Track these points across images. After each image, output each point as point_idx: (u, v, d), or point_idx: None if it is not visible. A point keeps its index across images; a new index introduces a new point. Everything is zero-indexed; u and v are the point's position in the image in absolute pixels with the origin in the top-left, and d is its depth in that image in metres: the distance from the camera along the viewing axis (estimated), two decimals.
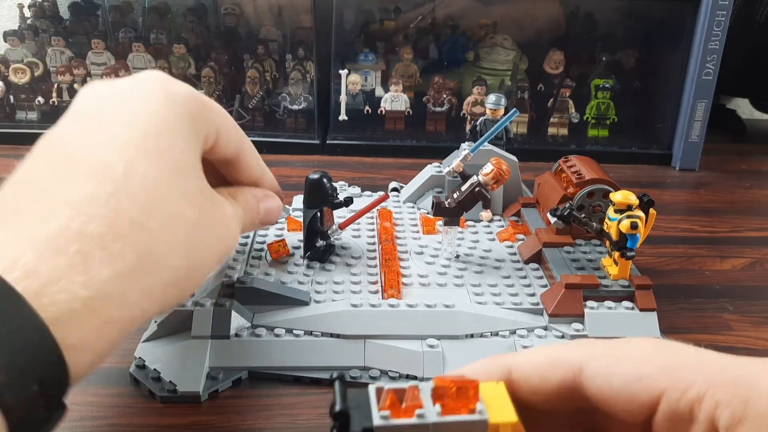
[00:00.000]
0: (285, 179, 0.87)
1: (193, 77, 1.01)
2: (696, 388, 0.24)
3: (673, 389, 0.24)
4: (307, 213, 0.58)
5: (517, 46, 1.04)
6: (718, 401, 0.23)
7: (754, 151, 1.07)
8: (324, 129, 1.00)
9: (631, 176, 0.93)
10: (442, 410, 0.24)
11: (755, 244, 0.74)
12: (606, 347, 0.27)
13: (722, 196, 0.89)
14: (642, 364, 0.25)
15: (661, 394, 0.24)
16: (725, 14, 0.90)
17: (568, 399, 0.27)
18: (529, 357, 0.28)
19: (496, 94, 0.72)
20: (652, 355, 0.26)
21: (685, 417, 0.24)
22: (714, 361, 0.25)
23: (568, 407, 0.27)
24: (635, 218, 0.52)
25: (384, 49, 1.04)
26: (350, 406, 0.24)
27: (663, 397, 0.24)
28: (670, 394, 0.24)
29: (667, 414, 0.24)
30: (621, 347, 0.26)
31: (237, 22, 1.04)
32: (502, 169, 0.57)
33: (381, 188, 0.76)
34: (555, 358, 0.27)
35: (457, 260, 0.61)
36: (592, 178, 0.62)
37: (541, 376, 0.27)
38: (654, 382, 0.25)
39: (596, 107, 1.01)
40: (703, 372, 0.24)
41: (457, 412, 0.25)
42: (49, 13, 1.05)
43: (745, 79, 1.11)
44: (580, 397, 0.27)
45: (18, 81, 0.98)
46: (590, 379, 0.26)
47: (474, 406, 0.25)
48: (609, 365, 0.26)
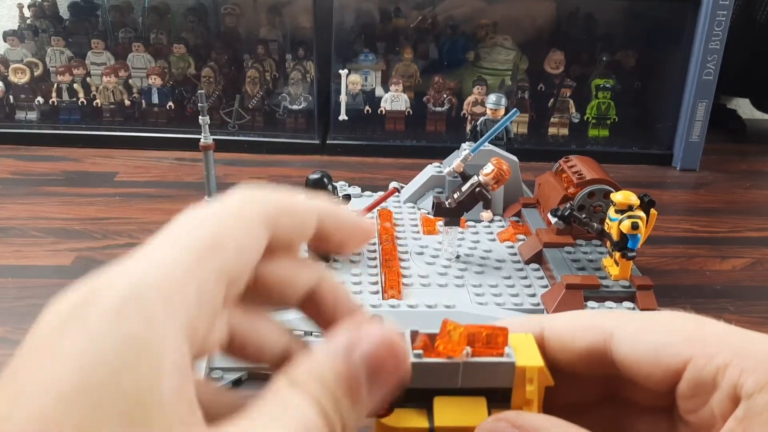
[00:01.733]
0: (285, 179, 0.87)
1: (193, 77, 1.01)
2: (722, 357, 0.24)
3: (700, 357, 0.25)
4: None
5: (518, 46, 1.04)
6: (743, 369, 0.24)
7: (754, 151, 1.07)
8: (324, 129, 0.99)
9: (632, 176, 0.93)
10: (472, 352, 0.26)
11: (756, 244, 0.74)
12: (638, 317, 0.28)
13: (723, 196, 0.88)
14: (671, 333, 0.26)
15: (686, 362, 0.25)
16: (726, 14, 0.90)
17: (596, 363, 0.27)
18: (564, 318, 0.28)
19: (497, 94, 0.72)
20: (681, 326, 0.26)
21: (708, 384, 0.24)
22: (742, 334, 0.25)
23: (594, 371, 0.28)
24: (636, 218, 0.52)
25: (384, 49, 1.04)
26: None
27: (689, 365, 0.25)
28: (696, 362, 0.25)
29: (690, 381, 0.25)
30: (652, 318, 0.27)
31: (237, 22, 1.04)
32: (503, 169, 0.57)
33: (381, 188, 0.76)
34: (589, 323, 0.28)
35: (458, 260, 0.60)
36: (592, 178, 0.62)
37: (572, 337, 0.27)
38: (681, 350, 0.25)
39: (597, 107, 1.01)
40: (730, 343, 0.25)
41: (487, 355, 0.26)
42: (48, 13, 1.05)
43: (746, 79, 1.11)
44: (608, 363, 0.27)
45: (18, 81, 0.98)
46: (620, 345, 0.26)
47: (503, 350, 0.26)
48: (639, 332, 0.26)
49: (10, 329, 0.54)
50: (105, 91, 0.98)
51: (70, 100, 0.98)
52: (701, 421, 0.25)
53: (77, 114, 0.99)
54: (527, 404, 0.26)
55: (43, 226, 0.71)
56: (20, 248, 0.67)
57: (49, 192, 0.80)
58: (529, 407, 0.26)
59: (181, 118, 1.00)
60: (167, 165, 0.91)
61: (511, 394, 0.26)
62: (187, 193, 0.81)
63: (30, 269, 0.63)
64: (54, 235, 0.69)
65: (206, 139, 0.62)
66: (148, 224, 0.72)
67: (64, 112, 0.99)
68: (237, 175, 0.88)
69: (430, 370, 0.26)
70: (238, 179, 0.87)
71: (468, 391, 0.26)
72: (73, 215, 0.74)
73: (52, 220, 0.73)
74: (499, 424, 0.25)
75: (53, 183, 0.83)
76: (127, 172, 0.87)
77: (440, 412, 0.26)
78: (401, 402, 0.26)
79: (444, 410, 0.26)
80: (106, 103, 0.99)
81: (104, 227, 0.71)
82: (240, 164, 0.91)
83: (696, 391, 0.25)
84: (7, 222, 0.72)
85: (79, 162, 0.90)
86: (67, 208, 0.76)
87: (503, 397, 0.26)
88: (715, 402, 0.24)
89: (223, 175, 0.86)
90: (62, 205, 0.77)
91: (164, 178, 0.86)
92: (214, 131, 0.70)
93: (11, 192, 0.80)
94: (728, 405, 0.24)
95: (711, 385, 0.24)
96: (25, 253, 0.66)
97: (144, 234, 0.70)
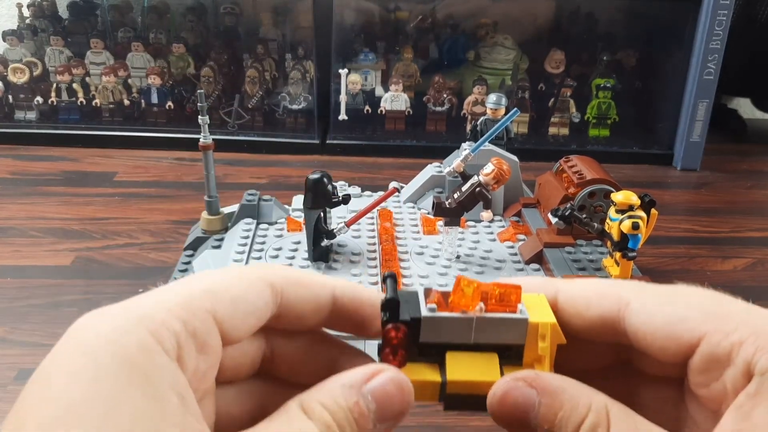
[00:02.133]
0: (285, 179, 0.87)
1: (192, 77, 1.01)
2: (738, 333, 0.24)
3: (716, 332, 0.24)
4: (311, 214, 0.57)
5: (518, 45, 1.04)
6: (759, 347, 0.24)
7: (755, 151, 1.07)
8: (324, 129, 0.99)
9: (632, 176, 0.93)
10: (486, 309, 0.26)
11: (757, 245, 0.74)
12: (655, 289, 0.27)
13: (723, 196, 0.88)
14: (688, 307, 0.26)
15: (702, 337, 0.25)
16: (726, 14, 0.89)
17: (608, 331, 0.27)
18: (580, 284, 0.28)
19: (497, 94, 0.71)
20: (698, 301, 0.26)
21: (722, 360, 0.24)
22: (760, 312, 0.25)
23: (605, 339, 0.27)
24: (636, 218, 0.52)
25: (384, 48, 1.04)
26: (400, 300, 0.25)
27: (704, 340, 0.25)
28: (711, 337, 0.24)
29: (704, 356, 0.25)
30: (669, 291, 0.27)
31: (236, 21, 1.04)
32: (503, 169, 0.57)
33: (381, 188, 0.76)
34: (605, 290, 0.27)
35: (458, 261, 0.60)
36: (593, 178, 0.62)
37: (587, 304, 0.27)
38: (698, 325, 0.25)
39: (597, 107, 1.01)
40: (747, 320, 0.25)
41: (500, 311, 0.26)
42: (48, 13, 1.05)
43: (747, 79, 1.11)
44: (620, 332, 0.27)
45: (17, 81, 0.97)
46: (635, 315, 0.26)
47: (516, 308, 0.26)
48: (656, 304, 0.26)
49: (9, 329, 0.54)
50: (104, 90, 0.98)
51: (69, 100, 0.98)
52: (712, 395, 0.25)
53: (76, 114, 0.99)
54: (539, 361, 0.26)
55: (42, 226, 0.71)
56: (19, 248, 0.66)
57: (48, 192, 0.80)
58: (540, 364, 0.26)
59: (180, 118, 1.00)
60: (166, 165, 0.90)
61: (523, 352, 0.26)
62: (187, 193, 0.81)
63: (29, 269, 0.63)
64: (53, 235, 0.69)
65: (206, 138, 0.61)
66: (147, 224, 0.72)
67: (63, 112, 0.99)
68: (237, 175, 0.88)
69: (443, 325, 0.26)
70: (238, 179, 0.86)
71: (480, 347, 0.26)
72: (72, 215, 0.74)
73: (51, 220, 0.72)
74: (516, 383, 0.25)
75: (52, 183, 0.83)
76: (127, 172, 0.87)
77: (452, 366, 0.26)
78: (414, 357, 0.26)
79: (456, 364, 0.26)
80: (105, 102, 0.98)
81: (103, 227, 0.71)
82: (239, 164, 0.91)
83: (709, 365, 0.25)
84: (6, 222, 0.71)
85: (79, 162, 0.90)
86: (66, 208, 0.76)
87: (516, 354, 0.26)
88: (728, 377, 0.24)
89: (223, 175, 0.86)
90: (61, 205, 0.76)
91: (163, 178, 0.86)
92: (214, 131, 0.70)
93: (10, 192, 0.80)
94: (741, 381, 0.24)
95: (725, 360, 0.24)
96: (24, 253, 0.66)
97: (143, 234, 0.70)
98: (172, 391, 0.21)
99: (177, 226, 0.72)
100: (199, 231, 0.65)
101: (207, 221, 0.64)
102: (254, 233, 0.63)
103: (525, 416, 0.25)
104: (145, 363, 0.20)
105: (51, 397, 0.20)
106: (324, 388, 0.24)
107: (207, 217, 0.64)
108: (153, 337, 0.21)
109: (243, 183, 0.85)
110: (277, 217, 0.66)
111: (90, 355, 0.20)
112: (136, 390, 0.20)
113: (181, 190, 0.82)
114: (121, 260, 0.65)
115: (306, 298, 0.26)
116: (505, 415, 0.25)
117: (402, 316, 0.25)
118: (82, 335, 0.21)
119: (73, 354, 0.20)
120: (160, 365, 0.21)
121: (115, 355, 0.20)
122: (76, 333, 0.21)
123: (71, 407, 0.19)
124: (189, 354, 0.22)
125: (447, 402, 0.26)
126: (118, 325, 0.21)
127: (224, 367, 0.25)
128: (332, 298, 0.27)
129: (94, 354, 0.20)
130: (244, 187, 0.74)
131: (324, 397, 0.23)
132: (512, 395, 0.25)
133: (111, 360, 0.20)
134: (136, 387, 0.20)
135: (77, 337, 0.21)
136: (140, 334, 0.21)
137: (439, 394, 0.26)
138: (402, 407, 0.24)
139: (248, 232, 0.63)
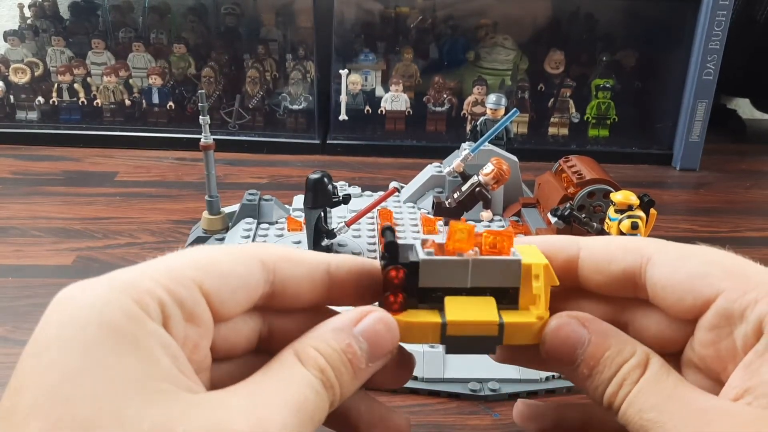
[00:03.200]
0: (285, 179, 0.87)
1: (193, 77, 1.01)
2: (756, 292, 0.25)
3: (734, 289, 0.25)
4: (311, 214, 0.57)
5: (518, 46, 1.04)
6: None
7: (754, 151, 1.07)
8: (324, 129, 1.00)
9: (632, 176, 0.93)
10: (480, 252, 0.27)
11: (756, 245, 0.74)
12: (677, 246, 0.28)
13: (723, 196, 0.88)
14: (709, 264, 0.26)
15: (720, 293, 0.25)
16: (726, 14, 0.90)
17: (629, 285, 0.28)
18: (603, 240, 0.29)
19: (497, 94, 0.72)
20: (720, 260, 0.27)
21: (735, 317, 0.25)
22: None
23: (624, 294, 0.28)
24: (636, 218, 0.52)
25: (384, 48, 1.04)
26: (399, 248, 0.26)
27: (721, 295, 0.25)
28: (728, 294, 0.25)
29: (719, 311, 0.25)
30: (692, 249, 0.27)
31: (237, 21, 1.04)
32: (503, 169, 0.57)
33: (381, 188, 0.76)
34: (628, 245, 0.28)
35: None
36: (592, 178, 0.62)
37: (609, 259, 0.28)
38: (716, 281, 0.26)
39: (596, 107, 1.01)
40: (764, 283, 0.25)
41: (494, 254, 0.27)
42: (49, 13, 1.05)
43: (746, 79, 1.11)
44: (640, 286, 0.27)
45: (18, 81, 0.98)
46: (658, 269, 0.27)
47: (509, 252, 0.27)
48: (678, 259, 0.27)
49: (10, 328, 0.54)
50: (105, 90, 0.98)
51: (70, 100, 0.98)
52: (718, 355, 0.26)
53: (77, 114, 0.99)
54: (534, 303, 0.27)
55: (43, 225, 0.71)
56: (20, 248, 0.67)
57: (49, 192, 0.80)
58: (535, 305, 0.27)
59: (181, 118, 1.00)
60: (167, 165, 0.91)
61: (518, 294, 0.27)
62: (188, 193, 0.81)
63: (30, 269, 0.63)
64: (54, 234, 0.70)
65: (206, 138, 0.62)
66: (148, 224, 0.72)
67: (64, 112, 0.99)
68: (237, 175, 0.88)
69: (441, 268, 0.27)
70: (239, 179, 0.87)
71: (477, 291, 0.27)
72: (73, 215, 0.74)
73: (53, 219, 0.73)
74: (570, 320, 0.26)
75: (53, 183, 0.83)
76: (128, 172, 0.87)
77: (451, 309, 0.27)
78: (414, 305, 0.27)
79: (455, 307, 0.27)
80: (106, 102, 0.99)
81: (104, 227, 0.72)
82: (240, 164, 0.91)
83: (722, 322, 0.25)
84: (7, 222, 0.72)
85: (80, 162, 0.90)
86: (68, 207, 0.76)
87: (512, 298, 0.27)
88: (739, 335, 0.25)
89: (224, 175, 0.86)
90: (62, 204, 0.77)
91: (164, 177, 0.86)
92: (215, 131, 0.71)
93: (11, 192, 0.80)
94: (752, 339, 0.24)
95: (738, 317, 0.25)
96: (25, 253, 0.66)
97: (144, 234, 0.70)
98: (163, 352, 0.21)
99: (178, 225, 0.72)
100: (200, 231, 0.65)
101: (208, 221, 0.65)
102: (255, 233, 0.63)
103: (572, 351, 0.26)
104: (132, 329, 0.21)
105: (45, 370, 0.20)
106: (316, 334, 0.24)
107: (208, 216, 0.65)
108: (137, 305, 0.21)
109: (244, 183, 0.85)
110: (277, 217, 0.67)
111: (77, 325, 0.21)
112: (127, 356, 0.20)
113: (182, 190, 0.82)
114: (122, 260, 0.65)
115: (300, 274, 0.26)
116: (555, 348, 0.26)
117: (400, 258, 0.26)
118: (66, 307, 0.21)
119: (61, 325, 0.21)
120: (147, 330, 0.21)
121: (101, 324, 0.21)
122: (61, 305, 0.22)
123: (66, 378, 0.20)
124: (176, 322, 0.22)
125: (448, 344, 0.27)
126: (101, 294, 0.21)
127: (218, 344, 0.25)
128: (327, 274, 0.27)
129: (81, 325, 0.21)
130: (245, 187, 0.74)
131: (317, 342, 0.24)
132: (565, 330, 0.26)
133: (98, 330, 0.20)
134: (127, 353, 0.20)
135: (62, 308, 0.21)
136: (124, 302, 0.21)
137: (440, 336, 0.27)
138: (392, 344, 0.25)
139: (249, 231, 0.63)
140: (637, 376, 0.25)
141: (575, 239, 0.29)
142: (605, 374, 0.25)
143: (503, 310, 0.27)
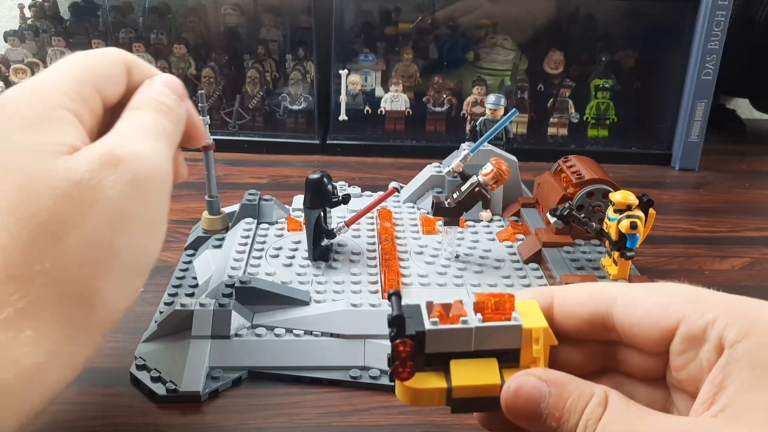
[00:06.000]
0: (285, 179, 0.87)
1: (193, 77, 1.01)
2: (712, 312, 0.27)
3: (693, 314, 0.27)
4: (311, 214, 0.58)
5: (517, 46, 1.04)
6: (729, 322, 0.26)
7: (753, 151, 1.07)
8: (324, 129, 1.00)
9: (631, 176, 0.93)
10: (483, 318, 0.29)
11: (755, 244, 0.74)
12: (640, 286, 0.30)
13: (722, 196, 0.89)
14: (669, 296, 0.29)
15: (681, 320, 0.28)
16: (725, 14, 0.90)
17: (599, 327, 0.30)
18: (573, 288, 0.32)
19: (496, 95, 0.72)
20: (678, 291, 0.29)
21: (698, 338, 0.27)
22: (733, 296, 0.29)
23: (597, 337, 0.31)
24: (635, 218, 0.52)
25: (384, 49, 1.04)
26: (405, 315, 0.29)
27: (682, 321, 0.28)
28: (688, 318, 0.27)
29: (683, 336, 0.28)
30: (654, 285, 0.30)
31: (237, 22, 1.04)
32: (502, 169, 0.57)
33: (381, 188, 0.76)
34: (595, 291, 0.31)
35: (457, 260, 0.61)
36: (591, 178, 0.62)
37: (579, 303, 0.30)
38: (678, 310, 0.28)
39: (596, 107, 1.01)
40: (721, 302, 0.28)
41: (496, 320, 0.29)
42: (49, 14, 1.05)
43: (745, 79, 1.11)
44: (610, 327, 0.30)
45: (18, 81, 0.98)
46: (622, 307, 0.29)
47: (510, 315, 0.29)
48: (640, 297, 0.29)
49: None
50: None
51: None
52: (690, 377, 0.28)
53: None
54: (534, 362, 0.29)
55: None
56: None
57: None
58: (536, 365, 0.29)
59: None
60: None
61: (519, 354, 0.29)
62: (188, 193, 0.81)
63: None
64: None
65: (206, 139, 0.62)
66: None
67: None
68: (237, 175, 0.88)
69: (446, 336, 0.29)
70: (239, 179, 0.87)
71: (480, 353, 0.29)
72: None
73: None
74: (528, 377, 0.28)
75: None
76: None
77: (457, 373, 0.29)
78: (421, 367, 0.29)
79: (460, 371, 0.29)
80: None
81: None
82: (240, 164, 0.91)
83: (687, 345, 0.27)
84: None
85: None
86: None
87: (513, 357, 0.29)
88: (704, 354, 0.27)
89: (224, 175, 0.86)
90: None
91: None
92: (215, 131, 0.71)
93: None
94: (714, 356, 0.26)
95: (701, 338, 0.27)
96: None
97: None
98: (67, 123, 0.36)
99: (178, 225, 0.72)
100: (199, 231, 0.65)
101: (208, 221, 0.65)
102: (255, 233, 0.63)
103: (536, 407, 0.28)
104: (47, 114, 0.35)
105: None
106: (144, 88, 0.41)
107: (208, 216, 0.65)
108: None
109: (243, 183, 0.85)
110: (277, 217, 0.67)
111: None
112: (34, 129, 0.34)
113: (182, 189, 0.82)
114: None
115: (143, 70, 0.43)
116: (518, 407, 0.28)
117: (408, 331, 0.29)
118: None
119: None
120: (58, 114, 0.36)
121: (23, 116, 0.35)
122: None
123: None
124: (84, 110, 0.38)
125: (454, 405, 0.29)
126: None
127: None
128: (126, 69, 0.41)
129: None
130: (245, 187, 0.74)
131: (136, 102, 0.39)
132: (525, 388, 0.28)
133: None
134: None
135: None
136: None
137: (446, 398, 0.29)
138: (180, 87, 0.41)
139: (249, 231, 0.63)
140: (599, 413, 0.26)
141: (549, 289, 0.32)
142: (572, 421, 0.27)
143: (505, 369, 0.29)
